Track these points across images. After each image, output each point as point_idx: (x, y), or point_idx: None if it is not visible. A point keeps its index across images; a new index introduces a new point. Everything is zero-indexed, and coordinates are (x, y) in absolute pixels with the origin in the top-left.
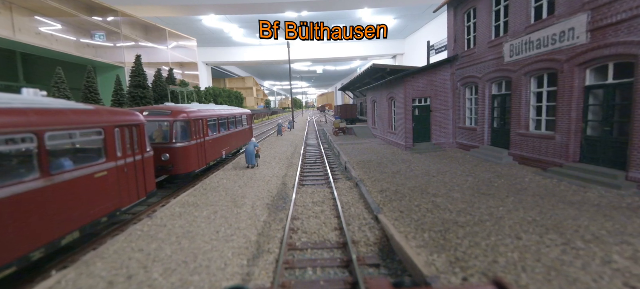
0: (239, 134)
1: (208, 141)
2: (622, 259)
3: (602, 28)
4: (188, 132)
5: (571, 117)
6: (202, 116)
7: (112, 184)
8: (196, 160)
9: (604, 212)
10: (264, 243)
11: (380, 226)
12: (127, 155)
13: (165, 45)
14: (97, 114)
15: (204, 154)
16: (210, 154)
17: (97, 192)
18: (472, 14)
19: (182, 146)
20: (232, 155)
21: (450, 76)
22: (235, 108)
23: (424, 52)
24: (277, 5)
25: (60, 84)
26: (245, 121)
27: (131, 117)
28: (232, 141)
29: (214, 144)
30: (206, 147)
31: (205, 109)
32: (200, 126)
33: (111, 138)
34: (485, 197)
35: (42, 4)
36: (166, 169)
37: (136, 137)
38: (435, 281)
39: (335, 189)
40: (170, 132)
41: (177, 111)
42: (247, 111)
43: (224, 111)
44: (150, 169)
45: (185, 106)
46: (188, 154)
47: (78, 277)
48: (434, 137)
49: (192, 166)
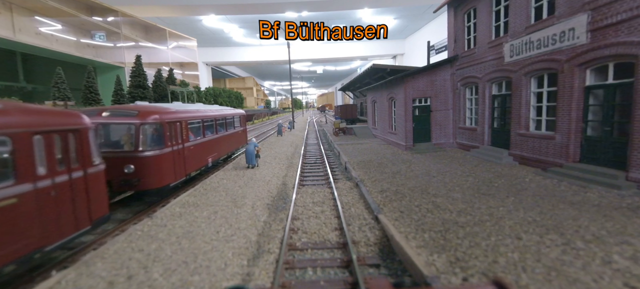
0: (229, 137)
1: (189, 147)
2: (622, 259)
3: (602, 28)
4: (160, 137)
5: (571, 117)
6: (180, 117)
7: (26, 215)
8: (171, 171)
9: (604, 212)
10: (264, 243)
11: (380, 226)
12: (57, 172)
13: (165, 45)
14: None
15: (183, 163)
16: (192, 162)
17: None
18: (472, 14)
19: (151, 155)
20: (222, 160)
21: (450, 76)
22: (226, 108)
23: (424, 52)
24: (277, 5)
25: (60, 84)
26: (238, 122)
27: (65, 120)
28: (221, 146)
29: (196, 151)
30: (186, 155)
31: (186, 110)
32: (178, 130)
33: (25, 149)
34: (485, 197)
35: (42, 4)
36: (130, 183)
37: (74, 146)
38: (435, 281)
39: (335, 189)
40: (136, 137)
41: (146, 112)
42: (239, 111)
43: (211, 111)
44: (99, 188)
45: (160, 105)
46: (160, 165)
47: (78, 277)
48: (434, 137)
49: (165, 179)
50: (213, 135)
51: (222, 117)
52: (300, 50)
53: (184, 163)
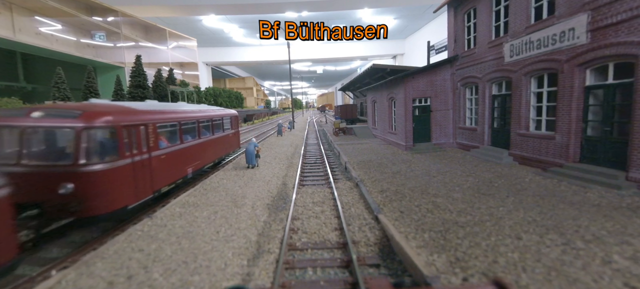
0: (217, 142)
1: (159, 156)
2: (622, 259)
3: (602, 28)
4: (114, 145)
5: (571, 117)
6: (146, 119)
7: None
8: (130, 189)
9: (604, 212)
10: (264, 243)
11: (380, 226)
12: None
13: (165, 45)
14: None
15: (149, 177)
16: (163, 175)
17: None
18: (472, 14)
19: (98, 169)
20: (210, 167)
21: (450, 76)
22: (214, 108)
23: (424, 52)
24: (277, 5)
25: (60, 84)
26: (229, 124)
27: None
28: (206, 152)
29: (170, 160)
30: (154, 167)
31: (158, 109)
32: (143, 135)
33: None
34: (485, 197)
35: (42, 4)
36: (67, 208)
37: None
38: (435, 281)
39: (335, 189)
40: (76, 146)
41: (94, 112)
42: (230, 112)
43: (193, 111)
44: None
45: (120, 104)
46: (111, 182)
47: (78, 277)
48: (434, 137)
49: (120, 200)
50: (195, 140)
51: (207, 119)
52: (300, 50)
53: (150, 177)
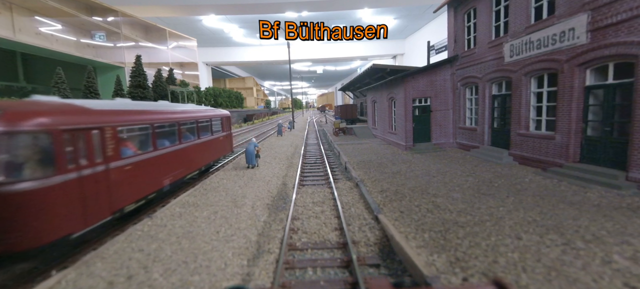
0: (204, 146)
1: (120, 167)
2: (622, 259)
3: (602, 28)
4: (49, 155)
5: (571, 117)
6: (102, 120)
7: None
8: (76, 211)
9: (604, 212)
10: (264, 243)
11: (380, 226)
12: None
13: (165, 45)
14: None
15: (106, 194)
16: (127, 190)
17: None
18: (472, 14)
19: (23, 189)
20: (198, 175)
21: (450, 76)
22: (201, 108)
23: (424, 52)
24: (277, 5)
25: (60, 84)
26: (219, 126)
27: None
28: (188, 159)
29: (138, 172)
30: (113, 180)
31: (121, 109)
32: (95, 141)
33: None
34: (485, 197)
35: (42, 4)
36: None
37: None
38: (435, 281)
39: (335, 189)
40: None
41: (18, 112)
42: (221, 112)
43: (171, 111)
44: None
45: (65, 102)
46: (44, 205)
47: (78, 277)
48: (434, 137)
49: (61, 227)
50: (174, 145)
51: (190, 120)
52: (300, 50)
53: (108, 194)
